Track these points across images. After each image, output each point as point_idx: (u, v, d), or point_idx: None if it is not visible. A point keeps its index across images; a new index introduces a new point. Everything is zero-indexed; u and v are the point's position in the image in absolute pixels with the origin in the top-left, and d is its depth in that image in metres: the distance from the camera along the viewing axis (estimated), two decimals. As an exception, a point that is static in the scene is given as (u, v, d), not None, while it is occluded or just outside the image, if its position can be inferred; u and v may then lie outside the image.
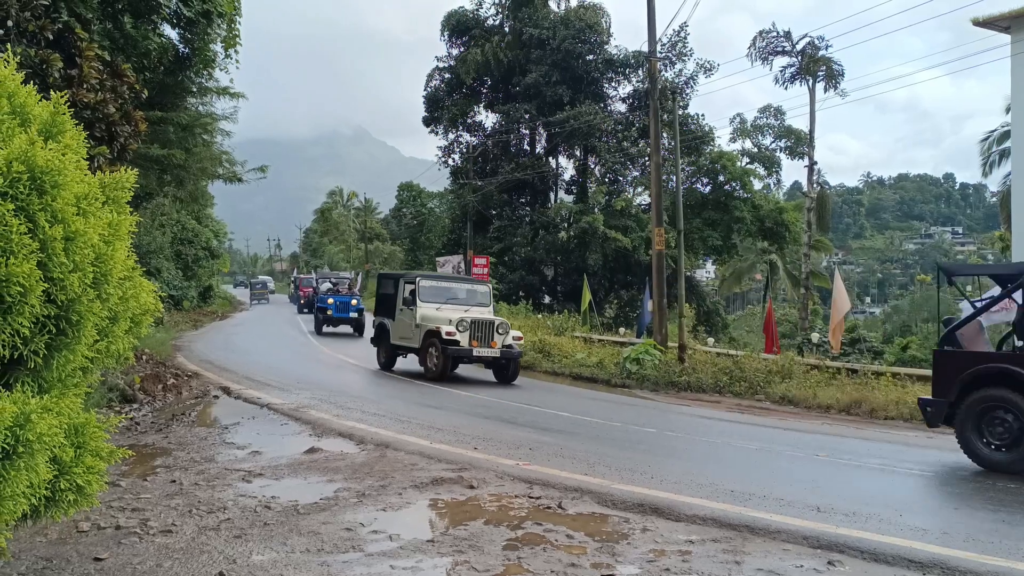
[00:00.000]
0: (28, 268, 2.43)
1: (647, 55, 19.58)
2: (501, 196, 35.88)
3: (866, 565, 4.34)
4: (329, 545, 4.38)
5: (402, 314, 14.98)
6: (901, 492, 6.49)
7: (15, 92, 2.73)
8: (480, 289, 15.81)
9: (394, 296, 15.52)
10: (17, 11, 7.19)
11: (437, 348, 13.73)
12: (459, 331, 13.63)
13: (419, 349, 14.29)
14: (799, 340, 24.87)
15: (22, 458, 2.40)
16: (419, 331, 14.25)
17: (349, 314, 24.80)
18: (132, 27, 10.08)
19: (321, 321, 24.89)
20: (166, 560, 4.06)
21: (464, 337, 13.68)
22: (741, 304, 68.71)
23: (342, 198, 79.00)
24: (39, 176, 2.54)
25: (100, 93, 8.00)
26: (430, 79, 38.42)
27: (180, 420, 9.32)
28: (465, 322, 13.75)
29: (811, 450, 8.57)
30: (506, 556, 4.27)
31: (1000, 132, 29.19)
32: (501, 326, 14.23)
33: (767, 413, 12.57)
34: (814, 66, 30.98)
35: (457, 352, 13.64)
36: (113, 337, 3.05)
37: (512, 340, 14.34)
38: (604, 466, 6.88)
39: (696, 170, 34.68)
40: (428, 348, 13.96)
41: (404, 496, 5.61)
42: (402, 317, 14.97)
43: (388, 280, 16.83)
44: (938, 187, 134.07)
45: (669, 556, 4.38)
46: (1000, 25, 17.01)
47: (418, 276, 15.49)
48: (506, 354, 14.17)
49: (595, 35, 34.13)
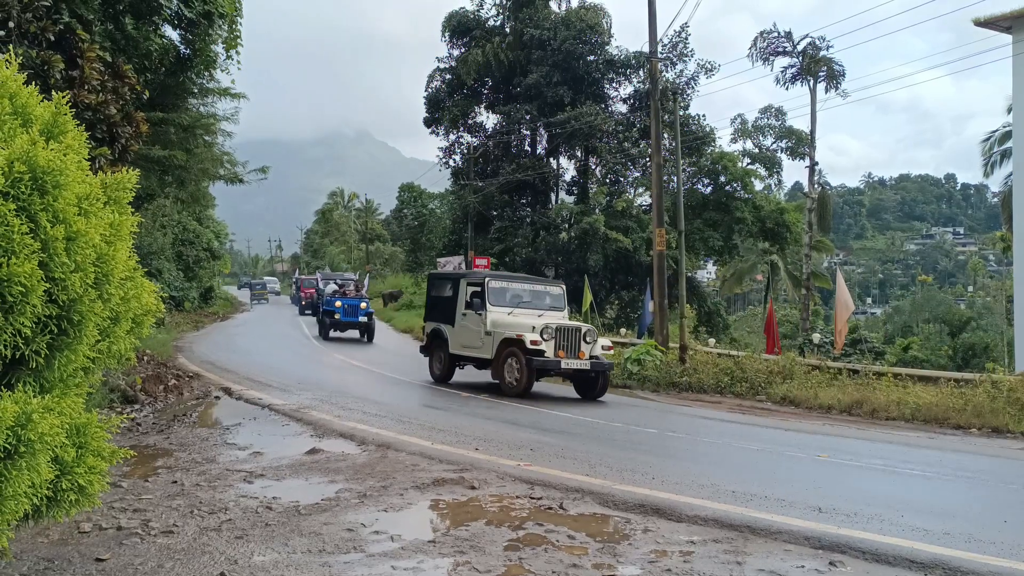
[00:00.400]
0: (30, 268, 2.44)
1: (648, 56, 19.58)
2: (502, 197, 35.88)
3: (868, 565, 4.33)
4: (330, 546, 4.39)
5: (465, 319, 13.36)
6: (902, 492, 6.49)
7: (17, 93, 2.73)
8: (553, 291, 14.15)
9: (451, 299, 13.87)
10: (18, 12, 7.19)
11: (519, 359, 12.08)
12: (544, 340, 11.99)
13: (492, 360, 12.61)
14: (800, 341, 24.88)
15: (24, 458, 2.40)
16: (491, 339, 12.64)
17: (358, 318, 23.06)
18: (133, 28, 10.08)
19: (328, 326, 23.42)
20: (167, 561, 4.06)
21: (549, 347, 12.03)
22: (742, 305, 68.72)
23: (343, 199, 79.08)
24: (41, 176, 2.55)
25: (101, 94, 8.01)
26: (431, 80, 38.44)
27: (181, 421, 9.33)
28: (550, 329, 12.14)
29: (812, 450, 8.57)
30: (507, 557, 4.27)
31: (1001, 132, 29.18)
32: (589, 333, 12.59)
33: (768, 414, 12.56)
34: (815, 66, 30.96)
35: (543, 364, 12.03)
36: (114, 337, 3.05)
37: (601, 350, 12.71)
38: (605, 467, 6.88)
39: (697, 171, 34.68)
40: (506, 359, 12.30)
41: (405, 497, 5.61)
42: (465, 323, 13.34)
43: (443, 281, 15.00)
44: (939, 187, 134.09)
45: (670, 556, 4.38)
46: (1001, 25, 17.01)
47: (486, 277, 13.70)
48: (596, 366, 12.46)
49: (596, 36, 34.13)
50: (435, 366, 14.28)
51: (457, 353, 13.68)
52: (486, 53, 35.04)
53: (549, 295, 13.97)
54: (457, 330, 13.59)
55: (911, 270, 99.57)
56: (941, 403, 11.80)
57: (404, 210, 55.76)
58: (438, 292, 14.83)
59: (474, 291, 13.45)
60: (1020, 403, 11.14)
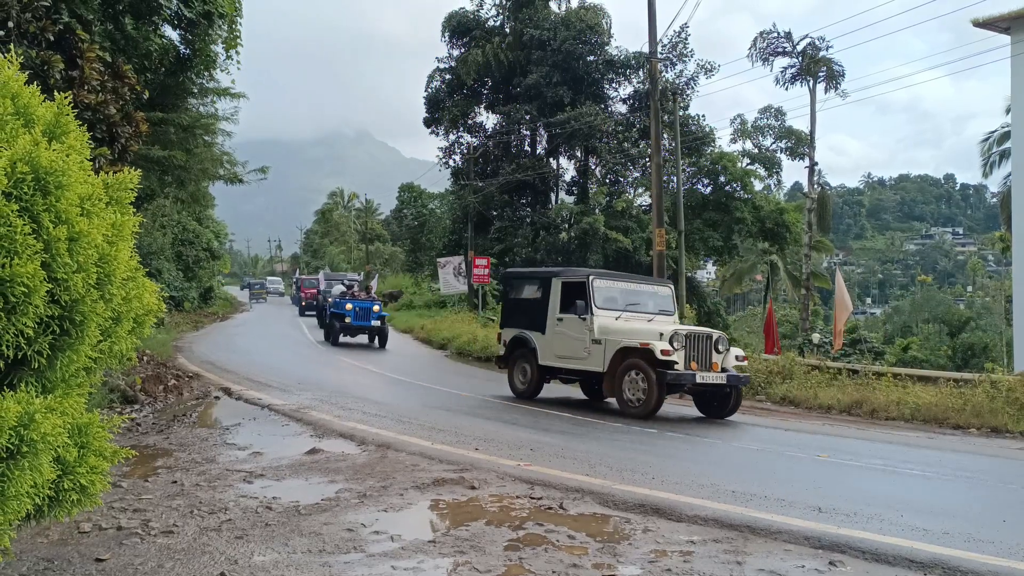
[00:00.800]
0: (32, 268, 2.44)
1: (648, 56, 19.60)
2: (502, 197, 35.90)
3: (867, 565, 4.34)
4: (331, 546, 4.39)
5: (562, 325, 11.55)
6: (902, 492, 6.50)
7: (19, 93, 2.74)
8: (661, 291, 12.32)
9: (540, 302, 12.08)
10: (18, 12, 7.20)
11: (645, 373, 10.19)
12: (674, 349, 10.16)
13: (604, 373, 10.83)
14: (800, 341, 24.91)
15: (26, 458, 2.41)
16: (601, 349, 10.86)
17: (370, 322, 21.53)
18: (133, 28, 10.09)
19: (337, 330, 21.73)
20: (168, 561, 4.07)
21: (680, 357, 10.22)
22: (742, 305, 68.76)
23: (343, 199, 79.10)
24: (43, 177, 2.55)
25: (101, 94, 8.01)
26: (431, 80, 38.46)
27: (181, 421, 9.33)
28: (680, 336, 10.31)
29: (812, 450, 8.57)
30: (507, 557, 4.28)
31: (1000, 133, 29.23)
32: (720, 341, 10.76)
33: (768, 414, 12.56)
34: (815, 67, 30.99)
35: (676, 379, 10.15)
36: (116, 337, 3.06)
37: (735, 361, 10.92)
38: (605, 467, 6.89)
39: (697, 171, 34.72)
40: (626, 373, 10.46)
41: (405, 497, 5.62)
42: (562, 329, 11.52)
43: (527, 281, 13.18)
44: (939, 188, 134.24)
45: (670, 556, 4.39)
46: (1000, 26, 17.03)
47: (589, 275, 11.63)
48: (732, 380, 10.64)
49: (596, 36, 34.17)
50: (517, 379, 12.45)
51: (550, 365, 11.86)
52: (486, 53, 35.07)
53: (657, 296, 12.14)
54: (549, 338, 11.77)
55: (910, 270, 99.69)
56: (940, 403, 11.81)
57: (404, 210, 55.77)
58: (519, 294, 13.06)
59: (571, 291, 11.69)
60: (1019, 403, 11.15)
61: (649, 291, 12.23)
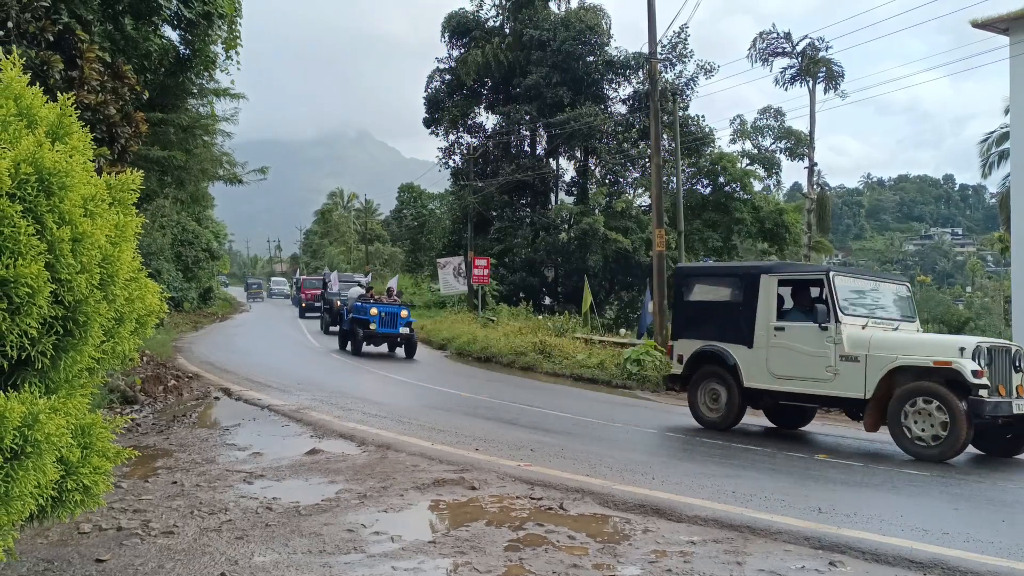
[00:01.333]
0: (36, 269, 2.45)
1: (647, 56, 19.61)
2: (502, 197, 35.92)
3: (867, 565, 4.35)
4: (331, 546, 4.40)
5: (784, 336, 9.18)
6: (902, 492, 6.50)
7: (22, 94, 2.74)
8: (901, 292, 9.90)
9: (742, 306, 9.62)
10: (17, 12, 7.20)
11: (942, 401, 7.78)
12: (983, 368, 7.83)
13: (867, 400, 8.40)
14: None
15: (30, 458, 2.42)
16: (857, 368, 8.47)
17: (398, 329, 18.78)
18: (133, 28, 10.09)
19: (360, 338, 18.75)
20: (168, 561, 4.07)
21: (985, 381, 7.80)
22: (741, 305, 68.58)
23: (342, 199, 79.06)
24: (47, 178, 2.56)
25: (101, 94, 8.02)
26: (431, 80, 38.48)
27: (181, 421, 9.33)
28: (984, 351, 7.96)
29: (812, 450, 8.59)
30: (508, 557, 4.29)
31: (999, 133, 29.26)
32: (1018, 355, 8.31)
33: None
34: (814, 67, 31.04)
35: (993, 409, 7.76)
36: (119, 338, 3.06)
37: None
38: (605, 467, 6.90)
39: (696, 171, 34.76)
40: (908, 401, 8.01)
41: (406, 497, 5.62)
42: (784, 341, 9.16)
43: (717, 279, 10.79)
44: (938, 188, 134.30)
45: (670, 557, 4.40)
46: (999, 27, 17.03)
47: (830, 271, 9.16)
48: None
49: (595, 36, 34.19)
50: (704, 405, 9.96)
51: (762, 388, 9.41)
52: (486, 54, 35.09)
53: (898, 297, 9.79)
54: (761, 352, 9.36)
55: (910, 270, 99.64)
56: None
57: (404, 210, 55.81)
58: (703, 295, 10.50)
59: (798, 292, 9.60)
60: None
61: (890, 291, 9.80)
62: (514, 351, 19.21)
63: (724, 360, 9.68)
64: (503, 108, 36.00)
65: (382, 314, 18.65)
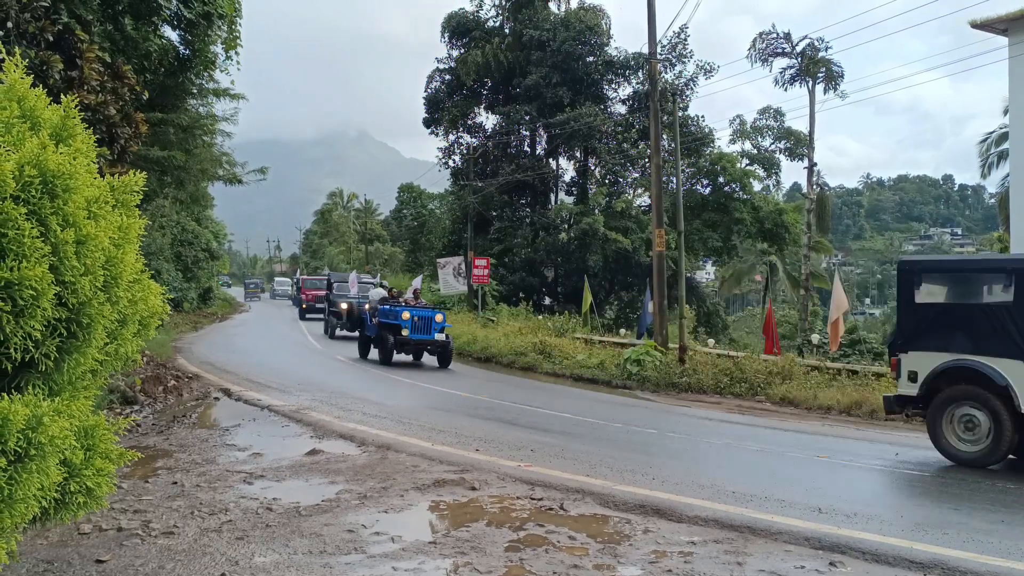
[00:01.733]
0: (40, 271, 2.45)
1: (647, 57, 19.61)
2: (501, 197, 35.91)
3: (867, 565, 4.36)
4: (331, 547, 4.40)
5: None
6: (902, 493, 6.52)
7: (25, 96, 2.75)
8: None
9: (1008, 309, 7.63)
10: (17, 12, 7.20)
11: None
12: None
13: None
14: (799, 341, 24.89)
15: (34, 460, 2.42)
16: None
17: (433, 335, 16.47)
18: (133, 28, 10.09)
19: (391, 346, 16.39)
20: (168, 562, 4.08)
21: None
22: (741, 305, 68.75)
23: (342, 199, 79.03)
24: (51, 180, 2.56)
25: (101, 95, 8.02)
26: (430, 80, 38.46)
27: (181, 422, 9.34)
28: None
29: (812, 451, 8.59)
30: (508, 557, 4.29)
31: (998, 134, 29.25)
32: None
33: (768, 414, 12.58)
34: (814, 67, 31.01)
35: None
36: (122, 340, 3.07)
37: None
38: (606, 467, 6.90)
39: (696, 171, 34.73)
40: None
41: (406, 498, 5.63)
42: None
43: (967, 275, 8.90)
44: (937, 188, 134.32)
45: (671, 557, 4.40)
46: (998, 27, 17.05)
47: None
48: None
49: (595, 37, 34.18)
50: (954, 435, 7.89)
51: None
52: (485, 54, 35.07)
53: None
54: None
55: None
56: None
57: (403, 210, 55.77)
58: (949, 296, 8.70)
59: None
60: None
61: None
62: (514, 351, 19.22)
63: (989, 379, 7.63)
64: (503, 108, 35.98)
65: (415, 318, 16.29)
